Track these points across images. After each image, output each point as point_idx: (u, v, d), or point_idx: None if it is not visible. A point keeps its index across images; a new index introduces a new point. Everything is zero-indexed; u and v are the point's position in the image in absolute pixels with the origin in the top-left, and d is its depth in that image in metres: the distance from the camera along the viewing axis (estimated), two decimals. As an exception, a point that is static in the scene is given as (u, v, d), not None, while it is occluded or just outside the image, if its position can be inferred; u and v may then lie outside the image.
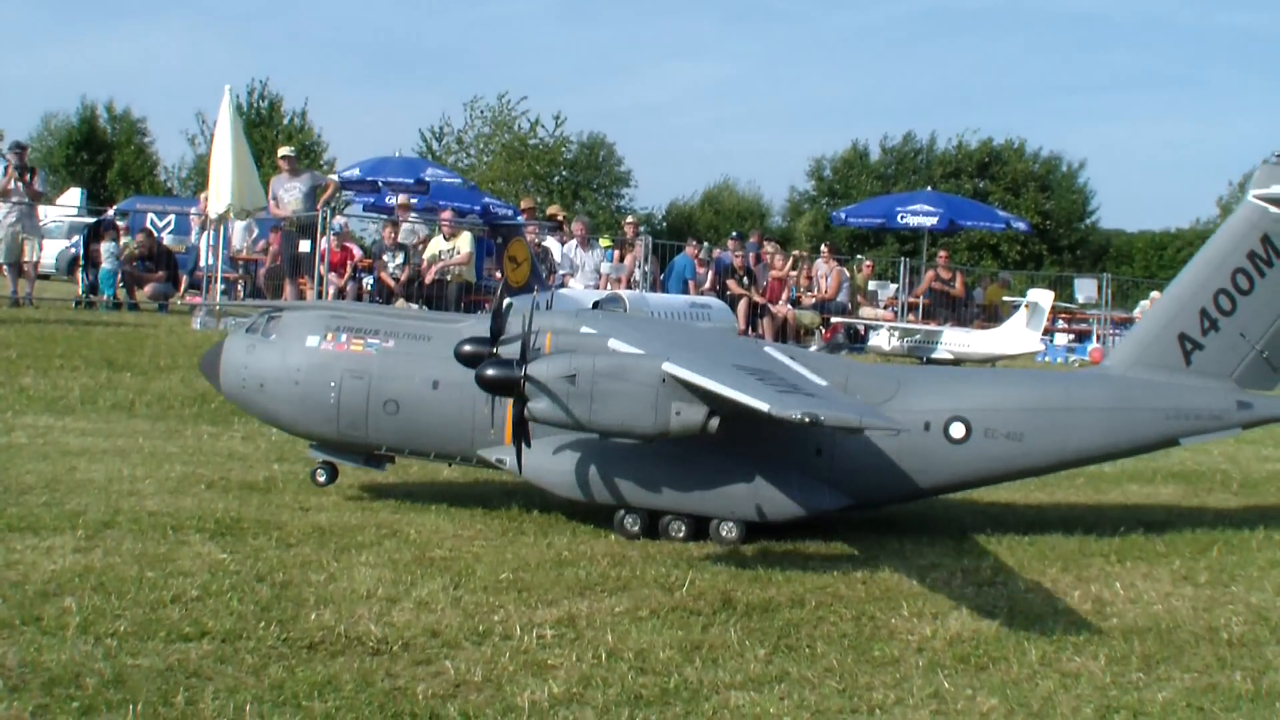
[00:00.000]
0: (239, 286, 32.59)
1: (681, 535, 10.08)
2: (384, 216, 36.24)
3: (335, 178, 33.05)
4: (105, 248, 29.48)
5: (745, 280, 32.41)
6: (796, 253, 35.37)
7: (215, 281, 27.81)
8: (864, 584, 9.14)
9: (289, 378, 10.73)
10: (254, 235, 31.51)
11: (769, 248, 35.95)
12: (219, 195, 25.88)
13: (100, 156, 79.36)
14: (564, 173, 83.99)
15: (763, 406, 8.27)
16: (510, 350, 9.56)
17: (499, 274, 25.25)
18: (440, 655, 7.05)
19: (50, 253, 36.48)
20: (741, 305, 31.37)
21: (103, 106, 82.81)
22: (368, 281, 29.81)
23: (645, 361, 9.34)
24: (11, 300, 26.39)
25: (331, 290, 27.30)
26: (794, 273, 35.30)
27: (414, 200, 35.64)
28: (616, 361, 9.34)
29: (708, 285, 32.10)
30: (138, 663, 6.62)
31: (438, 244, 29.23)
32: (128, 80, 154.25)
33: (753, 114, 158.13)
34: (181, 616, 7.35)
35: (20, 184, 26.99)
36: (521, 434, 9.59)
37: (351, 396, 10.61)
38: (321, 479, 11.07)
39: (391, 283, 28.90)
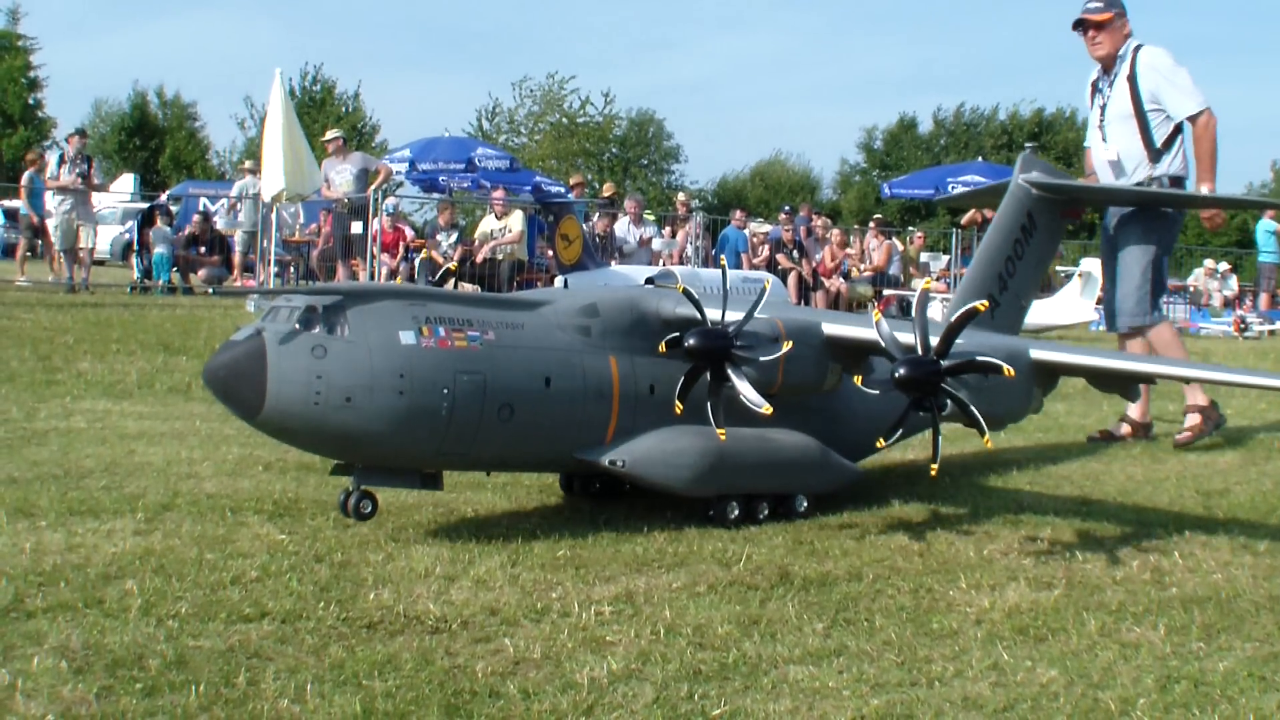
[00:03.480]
0: (291, 269, 32.82)
1: (765, 515, 10.01)
2: (436, 196, 36.34)
3: (388, 163, 33.11)
4: (158, 232, 29.67)
5: (796, 254, 32.33)
6: (837, 232, 35.18)
7: (269, 264, 27.95)
8: (921, 556, 9.12)
9: (391, 386, 8.53)
10: (300, 220, 31.66)
11: (819, 221, 35.87)
12: (272, 179, 26.00)
13: (152, 142, 79.96)
14: (614, 150, 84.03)
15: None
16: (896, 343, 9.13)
17: (550, 252, 25.29)
18: (499, 633, 7.06)
19: (105, 239, 36.74)
20: (792, 279, 31.32)
21: (154, 92, 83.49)
22: (421, 261, 29.93)
23: (1019, 347, 9.86)
24: (68, 286, 26.64)
25: (384, 271, 27.40)
26: (850, 250, 35.21)
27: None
28: (1004, 351, 9.20)
29: (760, 259, 32.04)
30: (199, 644, 6.67)
31: (489, 223, 29.30)
32: (178, 65, 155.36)
33: (802, 87, 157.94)
34: (241, 597, 7.41)
35: (77, 173, 27.17)
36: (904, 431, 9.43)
37: (467, 404, 8.78)
38: (367, 509, 8.98)
39: (443, 261, 28.96)
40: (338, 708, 5.89)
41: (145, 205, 34.48)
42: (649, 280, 23.42)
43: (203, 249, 30.83)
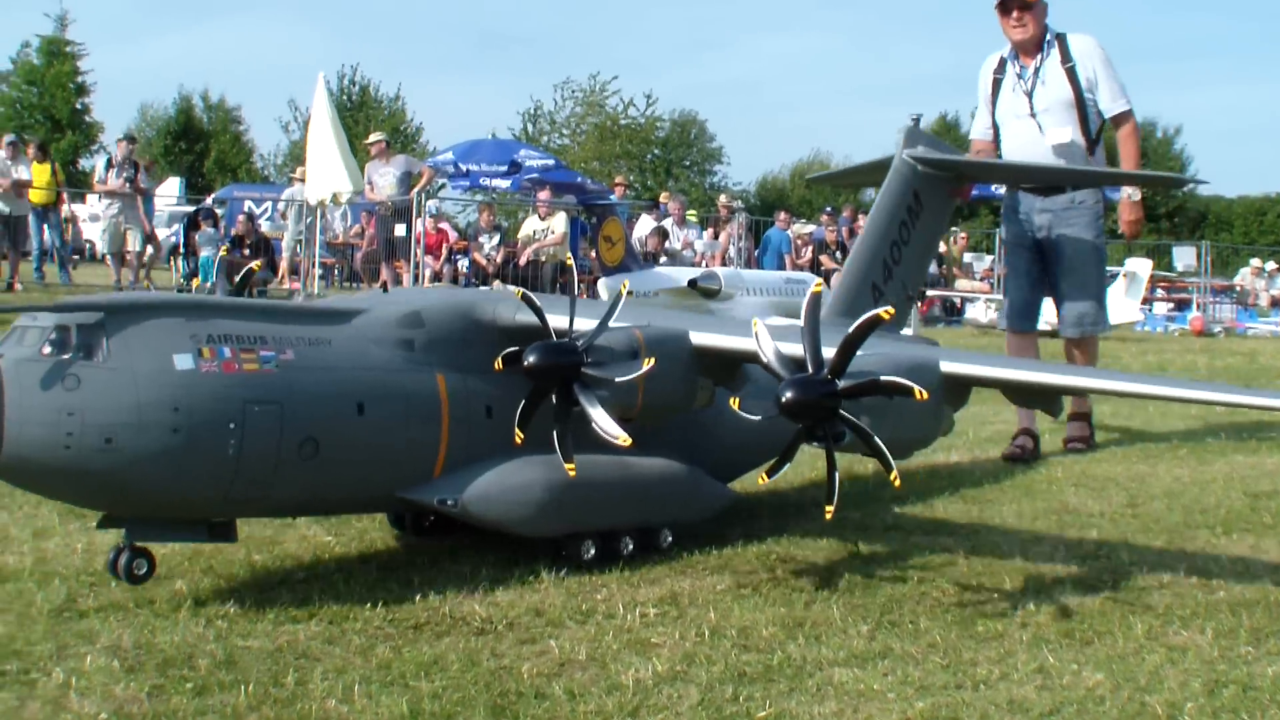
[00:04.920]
0: (335, 271, 33.02)
1: (630, 550, 8.72)
2: (479, 198, 36.47)
3: (430, 166, 33.26)
4: (203, 235, 29.88)
5: (839, 255, 32.31)
6: None
7: (314, 267, 28.09)
8: (966, 558, 9.10)
9: (163, 422, 6.95)
10: (348, 223, 31.86)
11: (862, 222, 35.84)
12: (316, 182, 26.16)
13: (198, 146, 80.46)
14: (656, 151, 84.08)
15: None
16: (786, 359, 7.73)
17: (594, 254, 25.35)
18: (545, 634, 7.10)
19: (151, 242, 36.96)
20: (835, 280, 31.31)
21: (198, 96, 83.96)
22: (463, 264, 30.07)
23: (928, 359, 8.18)
24: (115, 289, 26.83)
25: (428, 274, 27.52)
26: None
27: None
28: (910, 364, 7.82)
29: (804, 260, 32.03)
30: (248, 644, 6.74)
31: (532, 224, 29.39)
32: (222, 69, 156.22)
33: (845, 87, 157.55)
34: (289, 598, 7.48)
35: (124, 177, 27.38)
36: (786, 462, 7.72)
37: (259, 439, 7.24)
38: (141, 570, 7.41)
39: (485, 263, 29.07)
40: (385, 708, 5.93)
41: (191, 208, 34.69)
42: (692, 282, 23.56)
43: (247, 251, 31.00)
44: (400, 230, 26.88)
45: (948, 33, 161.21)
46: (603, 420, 7.85)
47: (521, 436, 7.93)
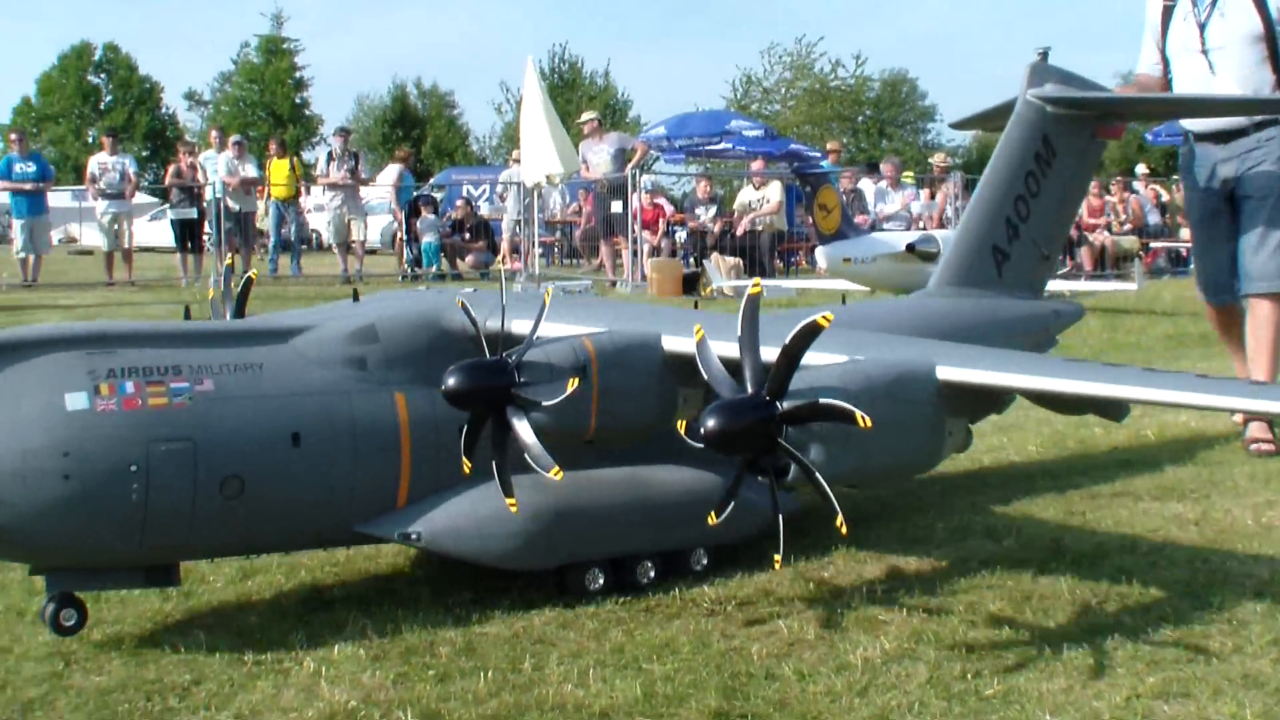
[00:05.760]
0: (555, 250, 33.51)
1: (652, 577, 7.70)
2: (692, 170, 36.65)
3: (643, 140, 33.52)
4: (425, 221, 30.54)
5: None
6: (1095, 184, 34.34)
7: (534, 247, 28.55)
8: (1197, 526, 8.96)
9: (51, 469, 6.30)
10: (566, 201, 32.29)
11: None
12: (532, 163, 26.57)
13: (414, 132, 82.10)
14: (867, 112, 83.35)
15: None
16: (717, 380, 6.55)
17: (810, 220, 25.33)
18: (774, 614, 7.21)
19: (375, 229, 37.94)
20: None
21: (412, 84, 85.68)
22: (680, 236, 30.27)
23: (919, 366, 6.72)
24: (343, 278, 27.63)
25: (646, 248, 27.78)
26: (1110, 198, 34.43)
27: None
28: (893, 374, 6.57)
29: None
30: (485, 631, 7.00)
31: (748, 194, 29.46)
32: (434, 55, 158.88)
33: (1058, 31, 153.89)
34: (524, 585, 7.67)
35: (345, 169, 28.15)
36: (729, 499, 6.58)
37: (168, 482, 6.53)
38: (70, 621, 6.72)
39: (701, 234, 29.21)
40: (619, 691, 6.11)
41: (411, 195, 35.49)
42: (910, 246, 23.38)
43: (467, 234, 31.58)
44: (617, 207, 27.19)
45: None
46: (534, 448, 6.74)
47: (469, 466, 6.98)
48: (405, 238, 31.59)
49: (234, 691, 6.21)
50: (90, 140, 76.42)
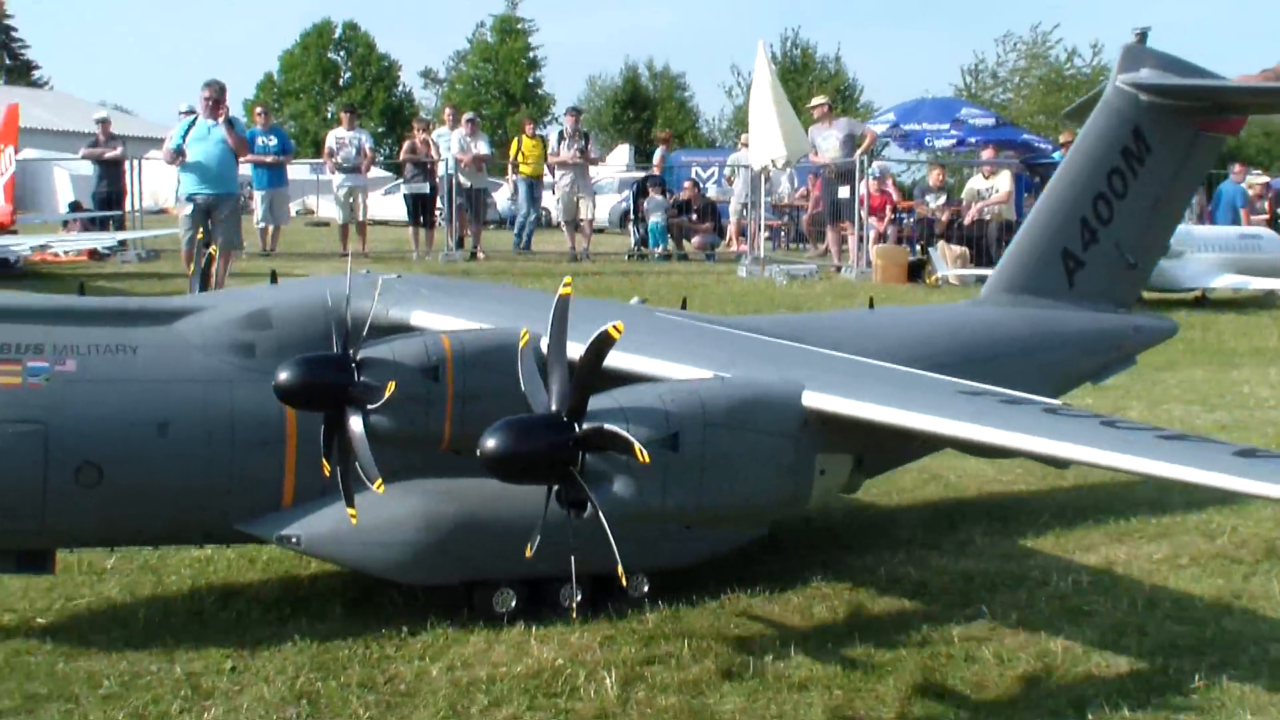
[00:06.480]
0: (781, 234, 33.59)
1: (578, 601, 6.68)
2: (921, 159, 36.40)
3: (873, 128, 33.38)
4: (652, 202, 30.83)
5: (1302, 208, 30.76)
6: None
7: (760, 230, 28.64)
8: None
9: None
10: (794, 186, 32.36)
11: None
12: (760, 147, 26.66)
13: (644, 114, 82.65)
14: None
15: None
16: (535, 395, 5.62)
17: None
18: (977, 598, 7.26)
19: (603, 208, 38.35)
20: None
21: (644, 65, 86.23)
22: (909, 223, 30.11)
23: (779, 391, 5.80)
24: (570, 255, 28.04)
25: (872, 234, 27.68)
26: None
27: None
28: (739, 398, 5.65)
29: (1261, 218, 30.62)
30: (693, 600, 7.18)
31: (977, 183, 29.16)
32: (666, 37, 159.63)
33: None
34: (738, 562, 7.79)
35: (576, 148, 28.58)
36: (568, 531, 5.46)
37: (15, 466, 6.26)
38: None
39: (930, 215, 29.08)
40: (819, 664, 6.27)
41: (640, 175, 35.77)
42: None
43: (694, 216, 31.79)
44: (844, 192, 27.09)
45: None
46: (363, 456, 5.99)
47: (328, 468, 6.25)
48: (633, 217, 31.90)
49: (448, 645, 6.52)
50: (329, 116, 78.53)
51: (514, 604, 6.84)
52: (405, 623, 6.73)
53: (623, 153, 51.68)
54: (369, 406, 5.93)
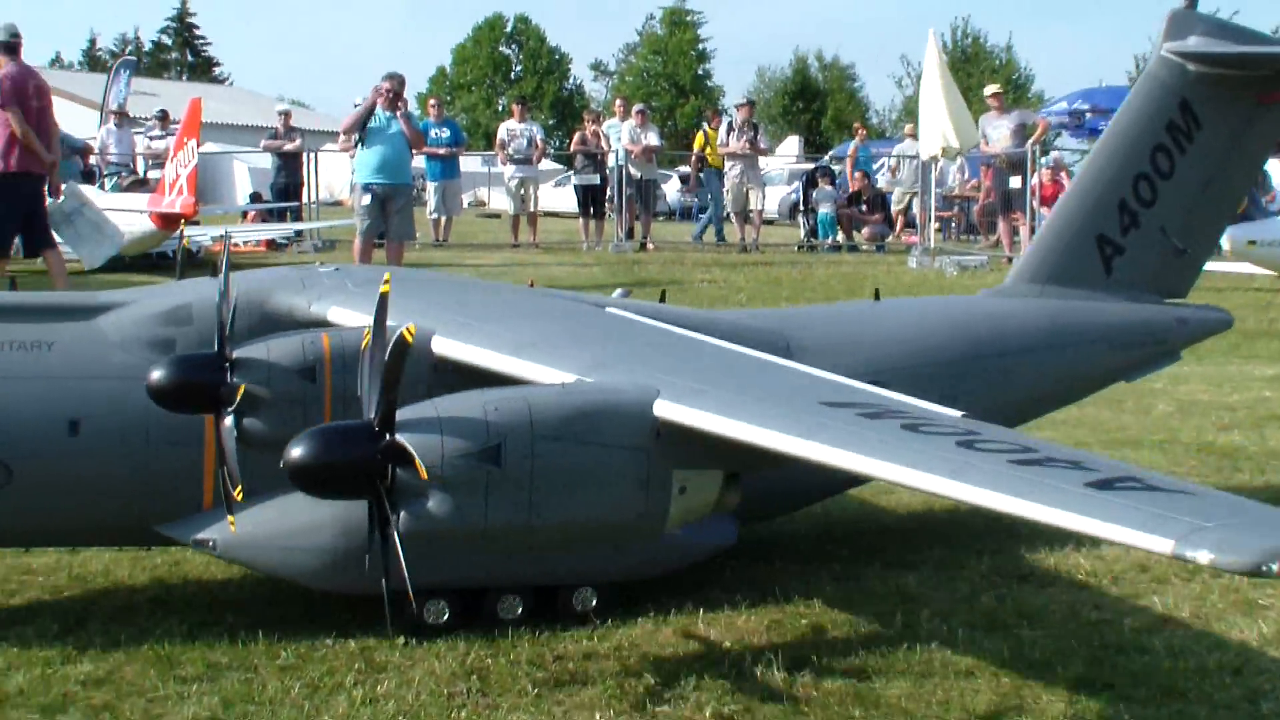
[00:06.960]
0: (952, 225, 33.27)
1: (519, 613, 6.49)
2: (1084, 150, 35.74)
3: (1045, 117, 32.94)
4: (821, 193, 30.74)
5: None
6: None
7: (930, 221, 28.43)
8: None
9: None
10: (964, 176, 32.04)
11: None
12: (930, 137, 26.47)
13: (814, 105, 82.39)
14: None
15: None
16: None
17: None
18: (1149, 590, 7.19)
19: (773, 200, 38.31)
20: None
21: (813, 56, 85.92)
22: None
23: (628, 400, 5.41)
24: (740, 246, 28.09)
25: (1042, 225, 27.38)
26: None
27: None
28: (576, 406, 5.34)
29: None
30: (859, 585, 7.22)
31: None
32: (836, 28, 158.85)
33: None
34: (900, 546, 7.88)
35: (745, 139, 28.60)
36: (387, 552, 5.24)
37: None
38: None
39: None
40: (986, 650, 6.26)
41: (810, 166, 35.68)
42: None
43: (864, 207, 31.65)
44: (1015, 183, 26.79)
45: None
46: (229, 461, 5.83)
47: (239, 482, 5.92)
48: (803, 208, 31.85)
49: (615, 626, 6.60)
50: (500, 108, 79.61)
51: (446, 615, 6.43)
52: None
53: (792, 144, 51.61)
54: (235, 409, 5.76)
